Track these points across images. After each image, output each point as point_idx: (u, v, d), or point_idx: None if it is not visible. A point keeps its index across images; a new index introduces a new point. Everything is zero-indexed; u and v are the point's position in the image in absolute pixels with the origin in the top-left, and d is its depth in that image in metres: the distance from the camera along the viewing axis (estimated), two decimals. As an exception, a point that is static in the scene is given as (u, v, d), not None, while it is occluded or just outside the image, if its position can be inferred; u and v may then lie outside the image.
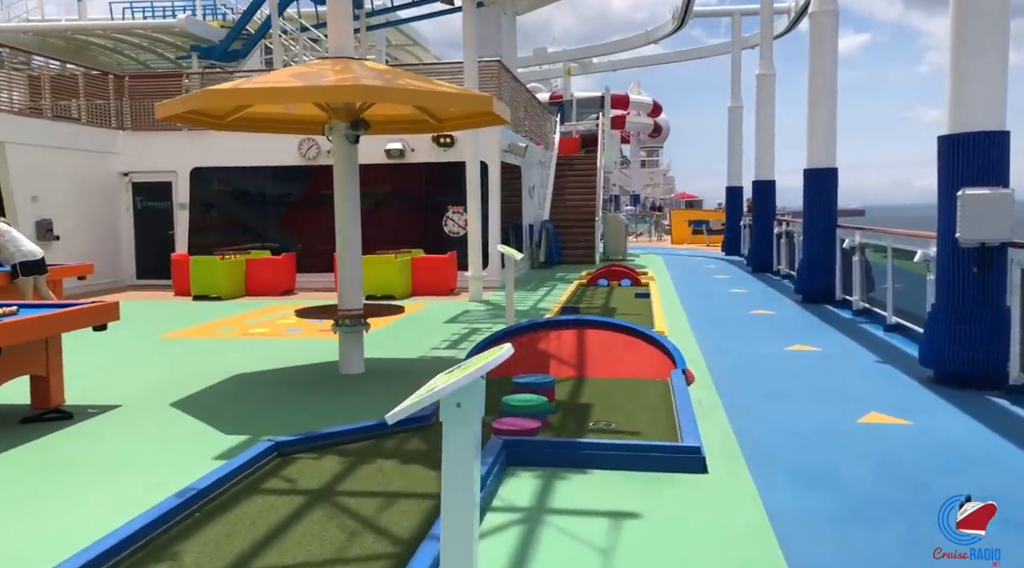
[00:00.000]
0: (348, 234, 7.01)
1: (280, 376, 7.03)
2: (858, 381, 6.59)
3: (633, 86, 67.41)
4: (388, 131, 8.44)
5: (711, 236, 28.02)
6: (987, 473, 4.35)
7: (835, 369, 7.06)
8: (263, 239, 15.22)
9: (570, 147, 25.00)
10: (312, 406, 5.94)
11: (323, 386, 6.62)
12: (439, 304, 12.17)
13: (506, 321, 8.74)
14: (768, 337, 8.83)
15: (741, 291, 13.57)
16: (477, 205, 12.62)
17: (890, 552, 3.33)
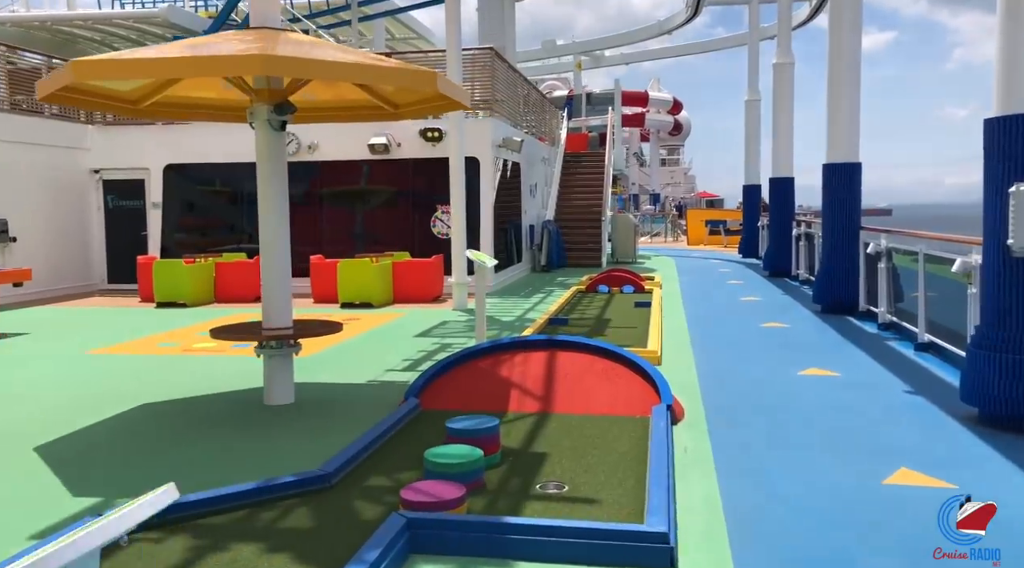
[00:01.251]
0: (274, 238, 5.94)
1: (194, 406, 5.97)
2: (884, 422, 5.39)
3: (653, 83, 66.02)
4: (335, 118, 7.36)
5: (728, 237, 26.69)
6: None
7: (856, 403, 5.85)
8: (239, 241, 14.22)
9: (579, 144, 23.85)
10: (210, 451, 4.86)
11: (237, 421, 5.55)
12: (419, 313, 11.08)
13: (476, 338, 7.63)
14: (779, 357, 7.63)
15: (754, 299, 12.34)
16: (461, 204, 11.51)
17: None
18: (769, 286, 14.28)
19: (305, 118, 7.30)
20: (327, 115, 7.23)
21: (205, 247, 13.91)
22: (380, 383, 6.66)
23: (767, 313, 10.75)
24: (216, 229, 14.57)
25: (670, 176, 78.59)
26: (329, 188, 14.37)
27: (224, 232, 14.51)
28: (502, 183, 15.39)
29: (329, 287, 12.09)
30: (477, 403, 5.55)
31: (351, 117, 7.28)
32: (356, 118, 7.26)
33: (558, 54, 27.91)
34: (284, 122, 5.82)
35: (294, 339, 5.90)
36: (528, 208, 17.33)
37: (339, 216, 14.33)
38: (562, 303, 11.31)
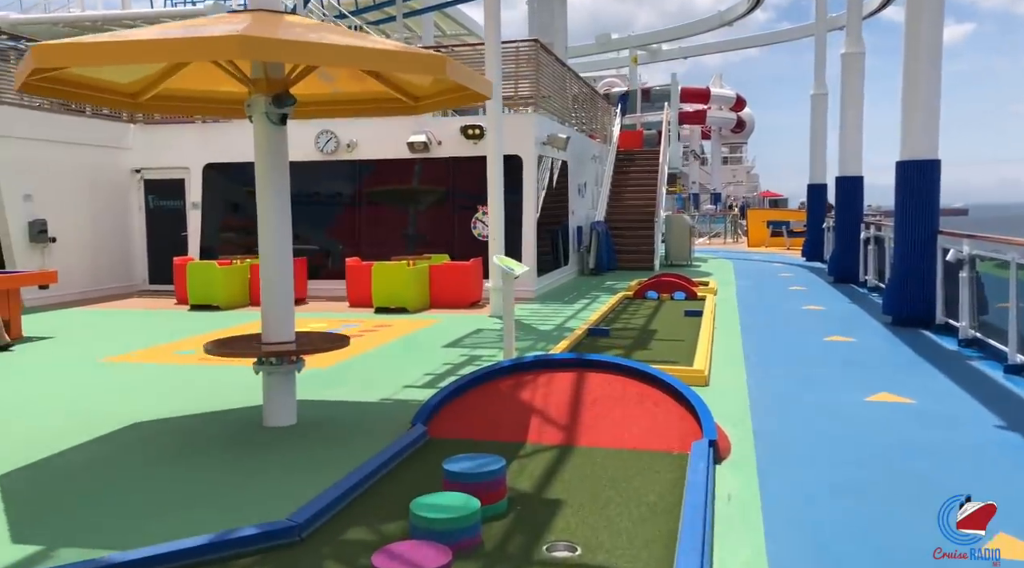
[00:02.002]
0: (274, 242, 5.41)
1: (187, 428, 5.48)
2: (970, 467, 4.54)
3: (715, 79, 64.32)
4: (352, 112, 6.83)
5: (791, 239, 25.41)
6: None
7: (936, 441, 5.00)
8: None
9: (633, 141, 23.00)
10: (187, 485, 4.34)
11: (229, 447, 5.03)
12: (454, 320, 10.50)
13: (504, 352, 6.99)
14: (844, 378, 6.77)
15: (817, 308, 11.38)
16: (499, 204, 10.89)
17: None
18: (834, 293, 13.25)
19: (322, 112, 6.82)
20: (342, 109, 6.70)
21: (245, 248, 13.63)
22: (394, 402, 6.08)
23: (831, 324, 9.82)
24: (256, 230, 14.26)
25: (732, 175, 76.52)
26: (368, 188, 13.93)
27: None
28: (548, 182, 14.72)
29: (365, 290, 11.62)
30: (492, 432, 4.91)
31: (369, 111, 6.73)
32: (374, 112, 6.72)
33: (613, 48, 27.00)
34: (284, 115, 5.29)
35: (296, 355, 5.35)
36: (576, 208, 16.61)
37: (378, 217, 13.87)
38: (606, 311, 10.58)
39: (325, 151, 13.55)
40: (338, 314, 11.14)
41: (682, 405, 5.06)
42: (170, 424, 5.52)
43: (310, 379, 6.74)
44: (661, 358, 7.43)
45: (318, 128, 13.54)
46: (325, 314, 11.13)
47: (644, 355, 7.62)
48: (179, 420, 5.61)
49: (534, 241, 13.05)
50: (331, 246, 13.80)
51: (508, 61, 13.11)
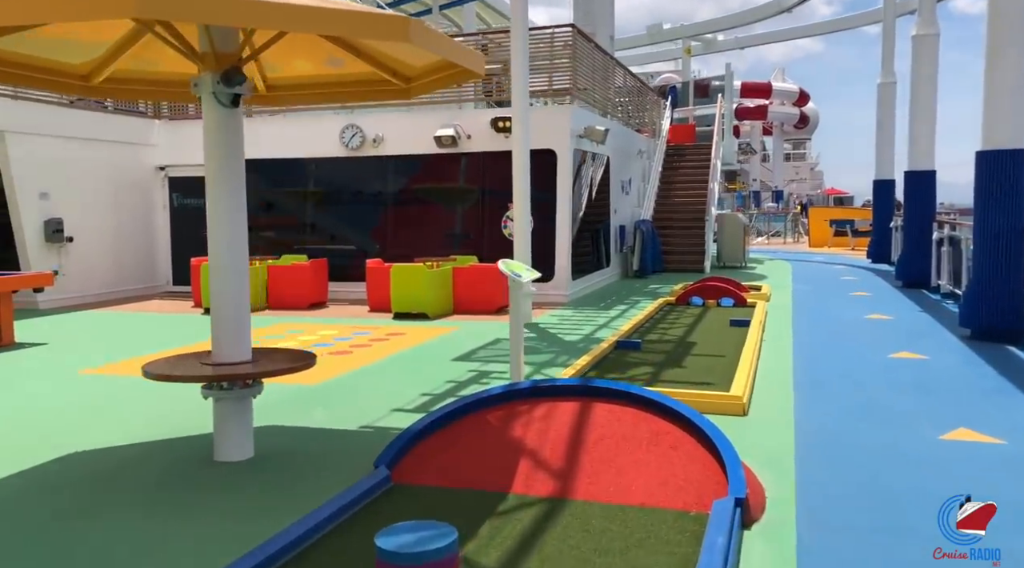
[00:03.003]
0: (226, 247, 4.65)
1: (128, 459, 4.75)
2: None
3: (776, 73, 62.03)
4: (335, 97, 6.04)
5: (856, 239, 23.84)
6: None
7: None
8: (305, 242, 13.29)
9: (685, 135, 21.81)
10: (102, 538, 3.60)
11: (168, 486, 4.28)
12: (475, 327, 9.67)
13: (511, 372, 6.11)
14: (914, 408, 5.68)
15: (883, 317, 10.16)
16: (524, 202, 10.01)
17: None
18: (903, 300, 11.95)
19: (303, 98, 6.06)
20: (325, 93, 5.90)
21: (268, 248, 13.07)
22: (374, 431, 5.26)
23: (899, 338, 8.64)
24: (279, 228, 13.70)
25: (795, 172, 73.82)
26: (394, 185, 13.21)
27: (289, 232, 13.61)
28: (586, 178, 13.77)
29: (385, 294, 10.88)
30: (470, 478, 4.04)
31: (356, 95, 5.95)
32: (362, 97, 5.93)
33: (665, 39, 25.75)
34: (236, 96, 4.51)
35: (252, 378, 4.58)
36: (619, 206, 15.60)
37: (405, 216, 13.14)
38: (642, 319, 9.59)
39: (350, 146, 12.87)
40: (353, 320, 10.43)
41: (706, 448, 4.11)
42: (109, 456, 4.80)
43: (290, 399, 6.00)
44: (695, 379, 6.46)
45: (343, 122, 12.88)
46: (338, 320, 10.42)
47: (676, 374, 6.65)
48: (121, 450, 4.89)
49: (568, 242, 12.12)
50: (356, 247, 13.12)
51: (542, 48, 12.22)
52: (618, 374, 6.67)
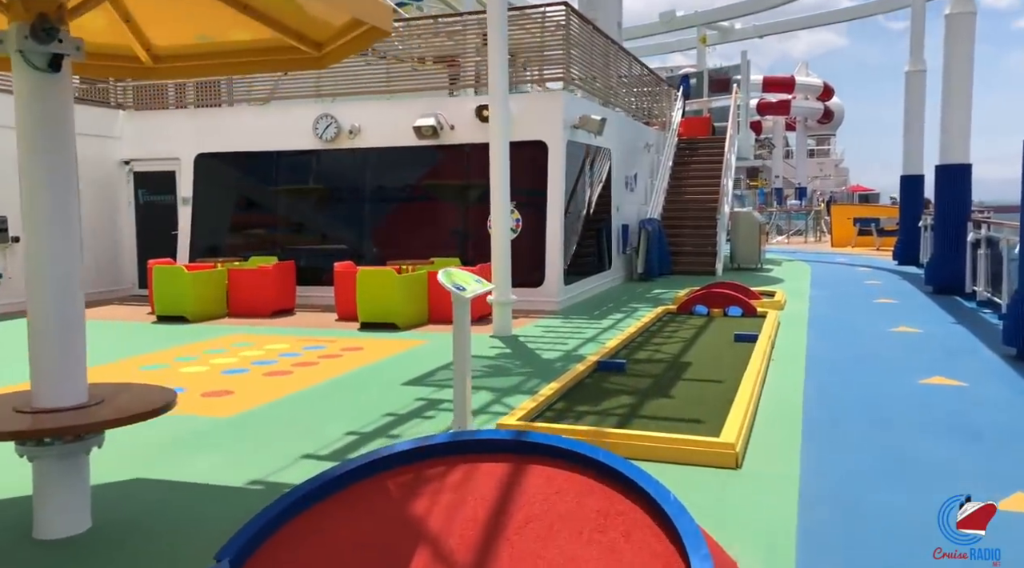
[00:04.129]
0: (47, 251, 3.57)
1: (-67, 528, 3.71)
2: None
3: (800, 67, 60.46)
4: (235, 68, 4.96)
5: (882, 238, 22.45)
6: None
7: None
8: (282, 243, 12.26)
9: (699, 128, 20.55)
10: None
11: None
12: (447, 340, 8.56)
13: (454, 418, 5.00)
14: (955, 460, 4.50)
15: (911, 330, 8.93)
16: (503, 197, 8.90)
17: None
18: (934, 309, 10.68)
19: (196, 69, 4.99)
20: (223, 64, 4.83)
21: (235, 249, 12.08)
22: (264, 488, 4.17)
23: (931, 357, 7.43)
24: (247, 229, 12.69)
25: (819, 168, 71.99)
26: (372, 180, 12.14)
27: (258, 232, 12.60)
28: (585, 172, 12.63)
29: (353, 301, 9.80)
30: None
31: (261, 65, 4.85)
32: (269, 67, 4.84)
33: (678, 27, 24.44)
34: (56, 58, 3.44)
35: (88, 430, 3.50)
36: (622, 204, 14.42)
37: (382, 213, 12.08)
38: (634, 332, 8.44)
39: (324, 138, 11.83)
40: (313, 331, 9.38)
41: (671, 539, 2.98)
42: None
43: (186, 437, 4.96)
44: (681, 414, 5.32)
45: (316, 111, 11.84)
46: (296, 331, 9.38)
47: (659, 407, 5.51)
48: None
49: (560, 244, 10.99)
50: (329, 248, 12.07)
51: (530, 28, 11.10)
52: (589, 407, 5.55)
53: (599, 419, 5.21)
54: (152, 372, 7.04)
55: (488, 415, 5.48)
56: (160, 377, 6.83)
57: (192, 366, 7.26)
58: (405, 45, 11.91)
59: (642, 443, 4.58)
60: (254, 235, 12.50)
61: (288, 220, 12.54)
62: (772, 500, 3.90)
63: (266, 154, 12.34)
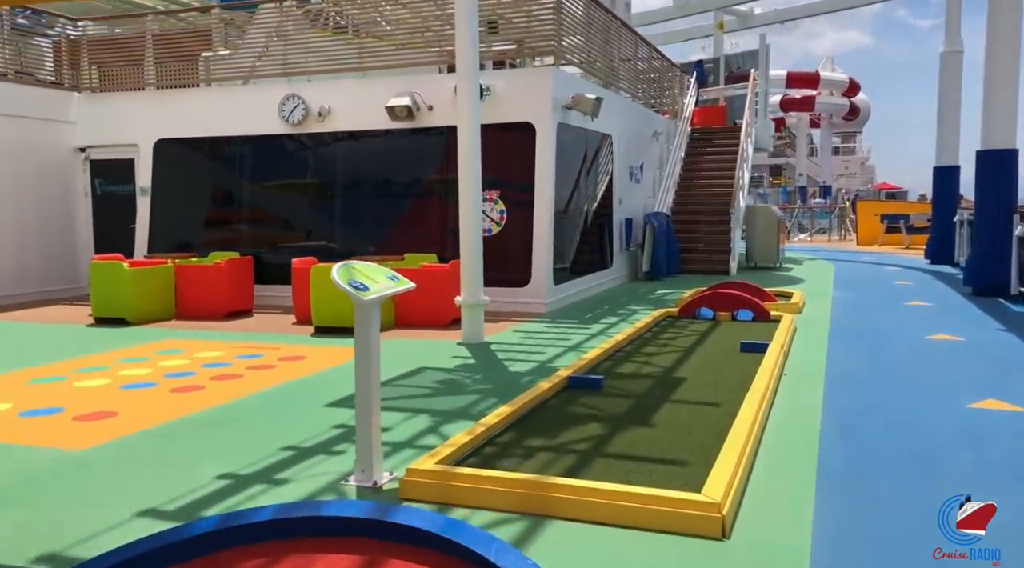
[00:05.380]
0: None
1: None
2: None
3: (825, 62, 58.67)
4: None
5: (911, 236, 20.97)
6: None
7: None
8: (248, 238, 11.17)
9: (714, 118, 19.20)
10: None
11: None
12: (407, 348, 7.43)
13: (356, 464, 3.84)
14: (1021, 514, 3.28)
15: (951, 338, 7.62)
16: (473, 183, 7.70)
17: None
18: (976, 313, 9.34)
19: None
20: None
21: (193, 244, 11.02)
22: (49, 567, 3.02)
23: (980, 373, 6.13)
24: (208, 222, 11.58)
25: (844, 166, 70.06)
26: (343, 167, 11.00)
27: (219, 225, 11.50)
28: (585, 163, 11.42)
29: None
30: None
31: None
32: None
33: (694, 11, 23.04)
34: None
35: None
36: (625, 197, 13.16)
37: (354, 204, 10.93)
38: (623, 339, 7.21)
39: (291, 121, 10.70)
40: (262, 336, 8.25)
41: None
42: None
43: (13, 480, 3.81)
44: (658, 453, 4.10)
45: (283, 92, 10.72)
46: (242, 336, 8.26)
47: (630, 442, 4.29)
48: None
49: (549, 239, 9.78)
50: (294, 243, 10.94)
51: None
52: (544, 440, 4.34)
53: (551, 459, 4.01)
54: (41, 386, 5.94)
55: (414, 450, 4.30)
56: (46, 393, 5.73)
57: (93, 379, 6.15)
58: (377, 12, 10.77)
59: (596, 500, 3.37)
60: (216, 229, 11.41)
61: (252, 212, 11.42)
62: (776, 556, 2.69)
63: (229, 139, 11.25)
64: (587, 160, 11.53)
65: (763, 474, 3.86)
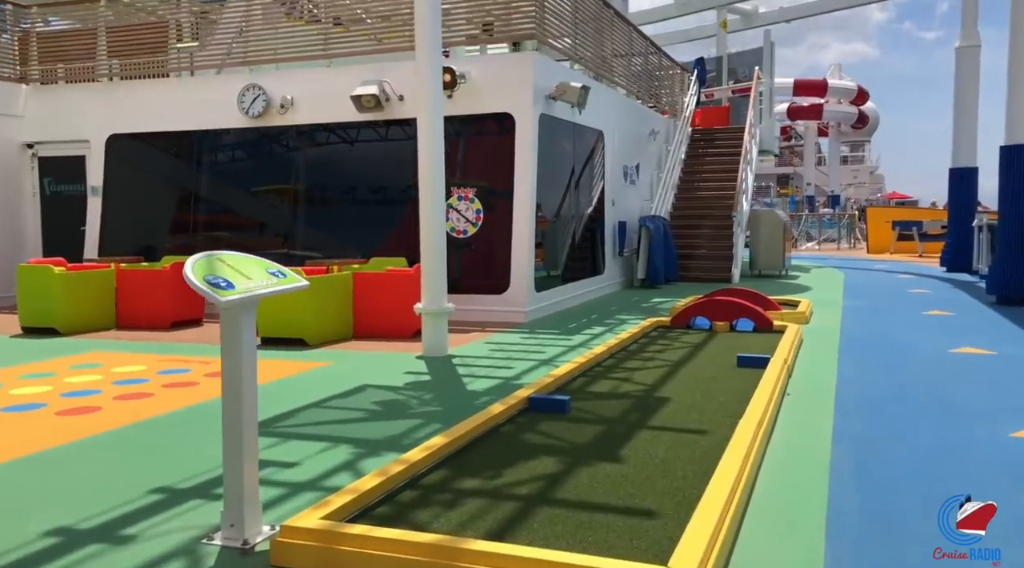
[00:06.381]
0: None
1: None
2: None
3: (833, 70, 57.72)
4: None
5: (925, 243, 19.97)
6: None
7: None
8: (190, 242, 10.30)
9: (716, 119, 18.31)
10: None
11: None
12: (358, 362, 6.53)
13: (223, 517, 2.94)
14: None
15: (978, 351, 6.66)
16: (434, 178, 6.83)
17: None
18: (1004, 324, 8.38)
19: None
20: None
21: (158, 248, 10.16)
22: None
23: (1019, 393, 5.18)
24: (162, 223, 10.71)
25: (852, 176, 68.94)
26: (307, 162, 10.13)
27: (175, 227, 10.64)
28: (574, 160, 10.54)
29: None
30: None
31: None
32: None
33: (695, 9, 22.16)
34: None
35: None
36: (618, 198, 12.26)
37: (318, 203, 10.06)
38: (602, 352, 6.28)
39: (251, 114, 9.85)
40: (201, 348, 7.35)
41: None
42: None
43: None
44: (622, 502, 3.16)
45: (242, 82, 9.87)
46: (177, 348, 7.37)
47: (591, 485, 3.36)
48: None
49: (530, 243, 8.88)
50: (253, 245, 10.05)
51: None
52: (480, 482, 3.41)
53: (482, 509, 3.08)
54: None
55: (318, 494, 3.38)
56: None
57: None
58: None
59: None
60: (171, 231, 10.55)
61: (209, 213, 10.56)
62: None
63: (186, 134, 10.39)
64: (575, 157, 10.64)
65: (755, 532, 2.92)
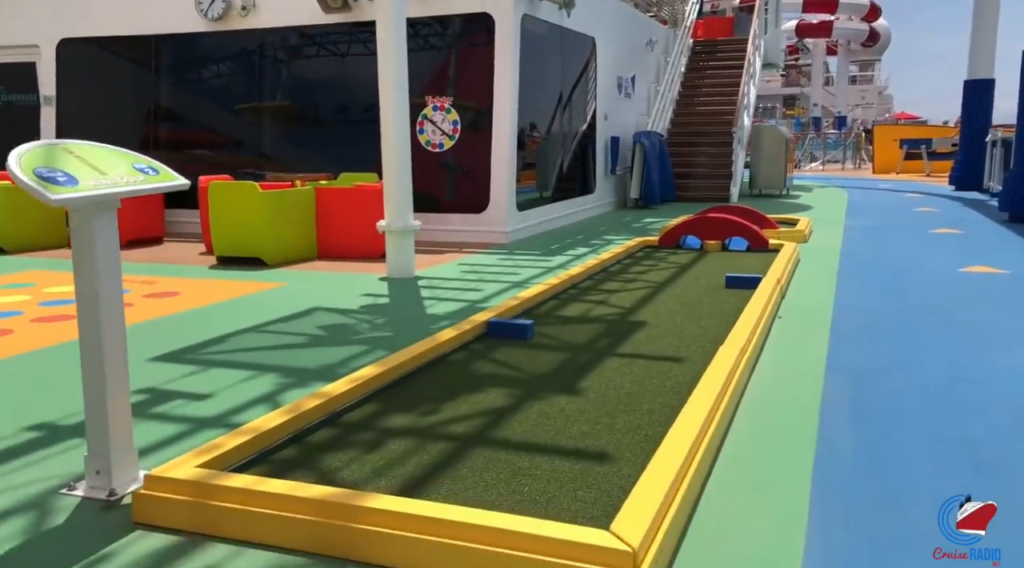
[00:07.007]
0: None
1: None
2: None
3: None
4: None
5: (933, 162, 19.20)
6: None
7: None
8: (175, 154, 9.63)
9: (720, 29, 17.29)
10: None
11: None
12: (319, 282, 6.03)
13: (86, 463, 2.46)
14: None
15: (991, 271, 6.13)
16: (395, 87, 6.15)
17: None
18: (1017, 241, 7.83)
19: None
20: None
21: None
22: None
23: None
24: (116, 136, 10.03)
25: (860, 96, 66.99)
26: (271, 71, 9.40)
27: (130, 140, 9.96)
28: (561, 68, 9.79)
29: (220, 228, 7.21)
30: None
31: None
32: None
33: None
34: None
35: None
36: (611, 112, 11.51)
37: (284, 115, 9.38)
38: (580, 272, 5.76)
39: (210, 17, 9.05)
40: (152, 267, 6.84)
41: None
42: None
43: None
44: (573, 444, 2.68)
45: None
46: (124, 267, 6.84)
47: (541, 425, 2.87)
48: None
49: (511, 159, 8.24)
50: (221, 162, 9.41)
51: None
52: (411, 419, 2.93)
53: (406, 452, 2.61)
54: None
55: (217, 431, 2.90)
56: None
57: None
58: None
59: (431, 536, 1.98)
60: (130, 143, 9.86)
61: (169, 125, 9.87)
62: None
63: (144, 40, 9.60)
64: (564, 65, 9.87)
65: (725, 483, 2.45)
